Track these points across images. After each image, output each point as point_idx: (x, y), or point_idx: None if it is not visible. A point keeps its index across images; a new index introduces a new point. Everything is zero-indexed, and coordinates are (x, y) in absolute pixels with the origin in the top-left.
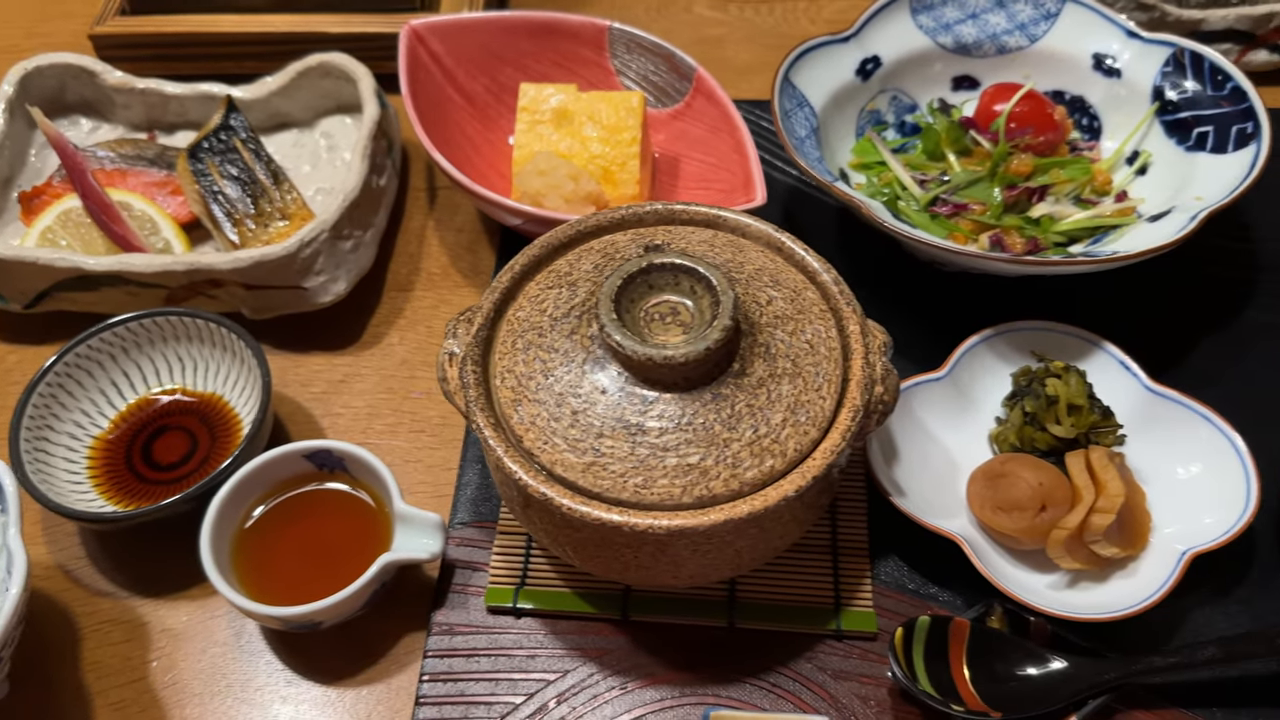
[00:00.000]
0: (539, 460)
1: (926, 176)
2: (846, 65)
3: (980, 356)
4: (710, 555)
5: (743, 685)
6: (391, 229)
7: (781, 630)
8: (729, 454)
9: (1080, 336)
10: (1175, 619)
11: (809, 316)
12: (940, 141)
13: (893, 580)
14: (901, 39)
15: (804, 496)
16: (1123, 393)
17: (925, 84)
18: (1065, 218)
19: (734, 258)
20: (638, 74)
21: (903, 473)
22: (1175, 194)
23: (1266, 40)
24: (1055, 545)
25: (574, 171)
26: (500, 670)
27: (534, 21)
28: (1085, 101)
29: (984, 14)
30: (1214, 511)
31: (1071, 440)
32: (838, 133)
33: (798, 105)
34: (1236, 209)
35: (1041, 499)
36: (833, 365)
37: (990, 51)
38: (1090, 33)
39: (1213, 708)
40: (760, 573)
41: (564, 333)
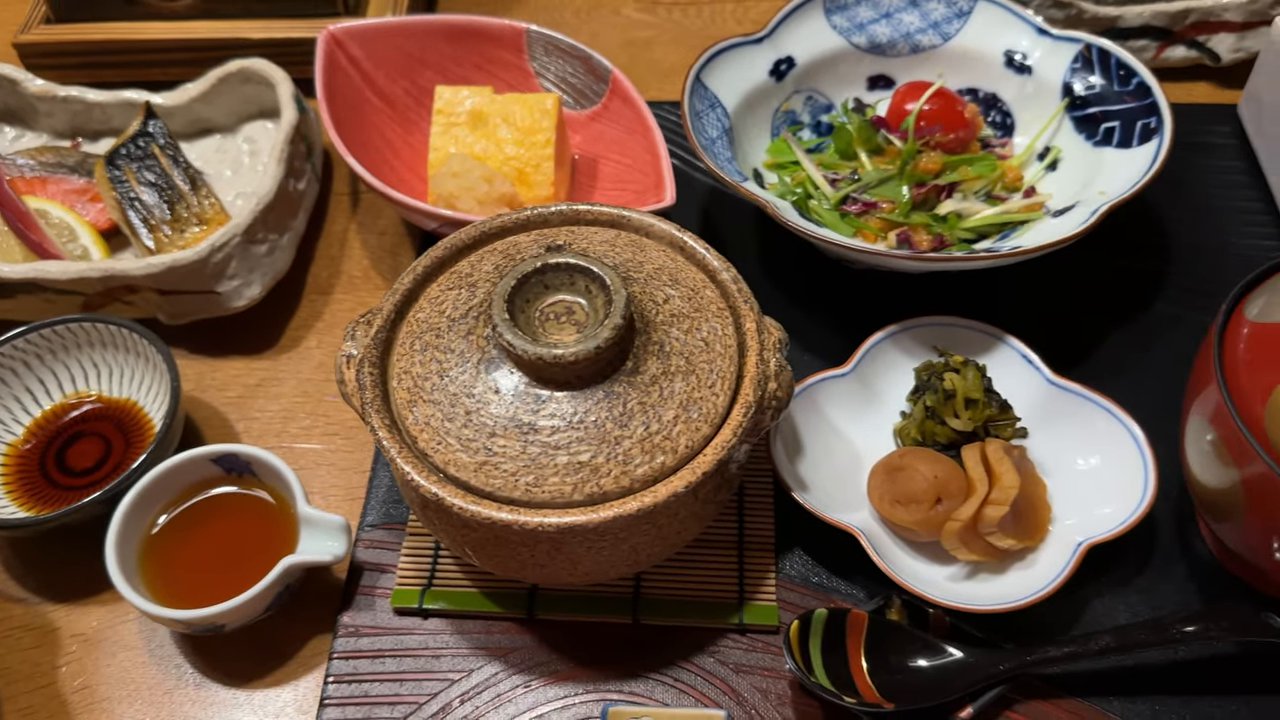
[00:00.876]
0: (433, 461)
1: (838, 175)
2: (760, 66)
3: (886, 352)
4: (606, 552)
5: (646, 680)
6: (312, 232)
7: (686, 625)
8: (620, 451)
9: (984, 331)
10: (1076, 609)
11: (706, 314)
12: (852, 141)
13: (798, 574)
14: (815, 39)
15: (697, 492)
16: (1025, 386)
17: (840, 84)
18: (974, 214)
19: (634, 257)
20: (557, 76)
21: (807, 467)
22: (1082, 189)
23: (1183, 36)
24: (949, 537)
25: (488, 173)
26: (405, 671)
27: (453, 25)
28: (998, 98)
29: (897, 13)
30: (1113, 502)
31: (970, 433)
32: (752, 133)
33: (710, 106)
34: (1146, 202)
35: (937, 492)
36: (727, 362)
37: (904, 50)
38: (1001, 30)
39: (1110, 697)
40: (666, 568)
41: (461, 333)
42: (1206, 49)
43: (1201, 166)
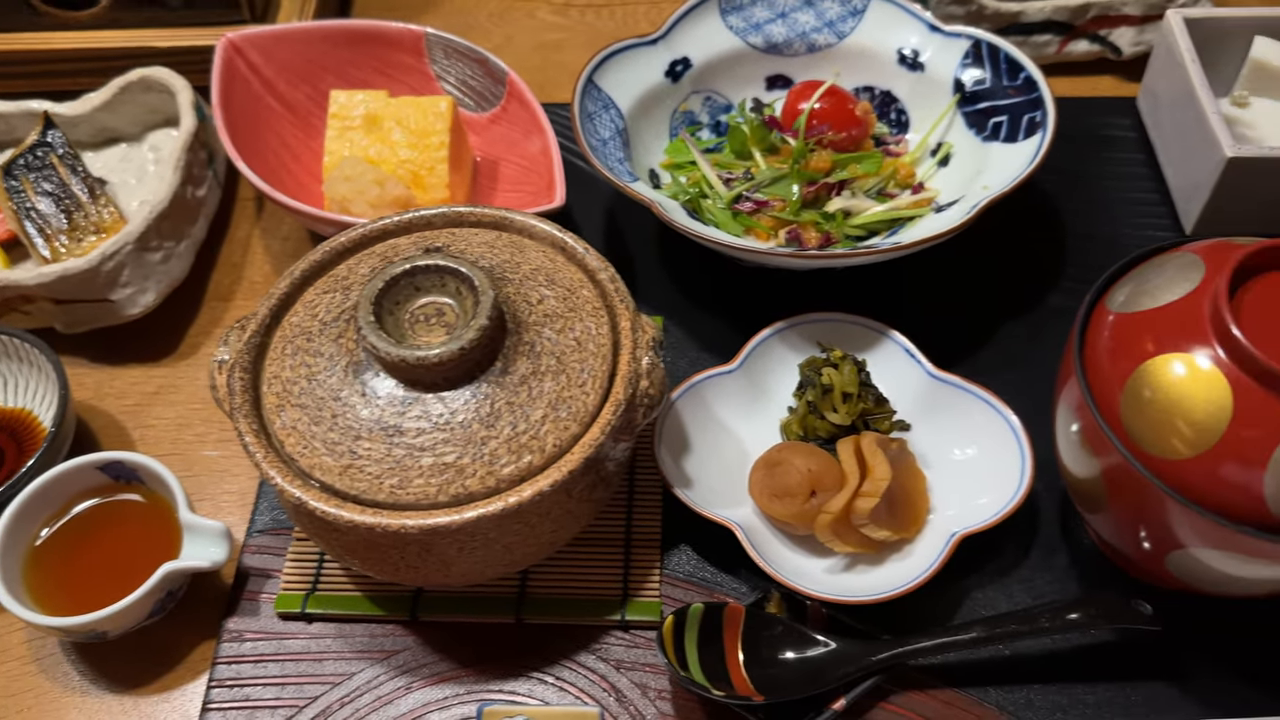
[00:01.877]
0: (299, 465)
1: (733, 175)
2: (655, 67)
3: (774, 348)
4: (479, 553)
5: (528, 679)
6: (215, 239)
7: (570, 624)
8: (486, 452)
9: (869, 327)
10: (956, 599)
11: (580, 314)
12: (747, 141)
13: (684, 570)
14: (711, 40)
15: (570, 490)
16: (907, 380)
17: (739, 84)
18: (863, 211)
19: (512, 258)
20: (457, 79)
21: (694, 464)
22: (969, 184)
23: (1085, 30)
24: (822, 529)
25: (380, 176)
26: (287, 675)
27: (353, 30)
28: (893, 96)
29: (793, 12)
30: (991, 493)
31: (849, 427)
32: (649, 134)
33: (603, 107)
34: (1043, 195)
35: (811, 485)
36: (600, 361)
37: (801, 50)
38: (894, 28)
39: (986, 686)
40: (551, 567)
41: (331, 337)
42: (1108, 43)
43: (1102, 159)
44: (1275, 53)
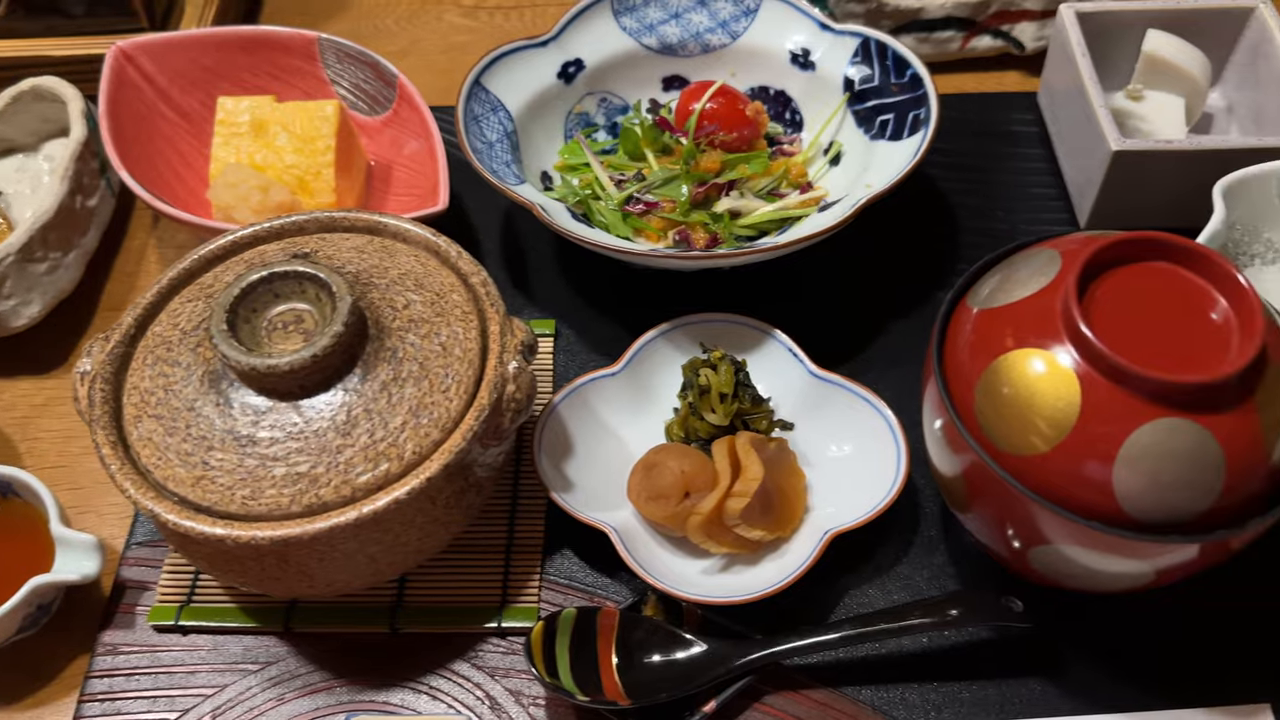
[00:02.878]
0: (154, 477)
1: (625, 176)
2: (547, 69)
3: (659, 350)
4: (340, 563)
5: (401, 689)
6: (109, 248)
7: (446, 632)
8: (341, 460)
9: (754, 327)
10: (835, 598)
11: (448, 319)
12: (640, 142)
13: (566, 574)
14: (605, 41)
15: (434, 498)
16: (791, 379)
17: (634, 85)
18: (752, 212)
19: (380, 263)
20: (350, 83)
21: (576, 467)
22: (856, 183)
23: (987, 26)
24: (694, 530)
25: (263, 182)
26: (160, 688)
27: (245, 36)
28: (787, 95)
29: (686, 13)
30: (869, 490)
31: (728, 427)
32: (542, 136)
33: (491, 110)
34: (943, 191)
35: (684, 486)
36: (465, 366)
37: (695, 50)
38: (786, 27)
39: (860, 685)
40: (429, 575)
41: (190, 346)
42: (1011, 38)
43: (1003, 154)
44: (1167, 45)
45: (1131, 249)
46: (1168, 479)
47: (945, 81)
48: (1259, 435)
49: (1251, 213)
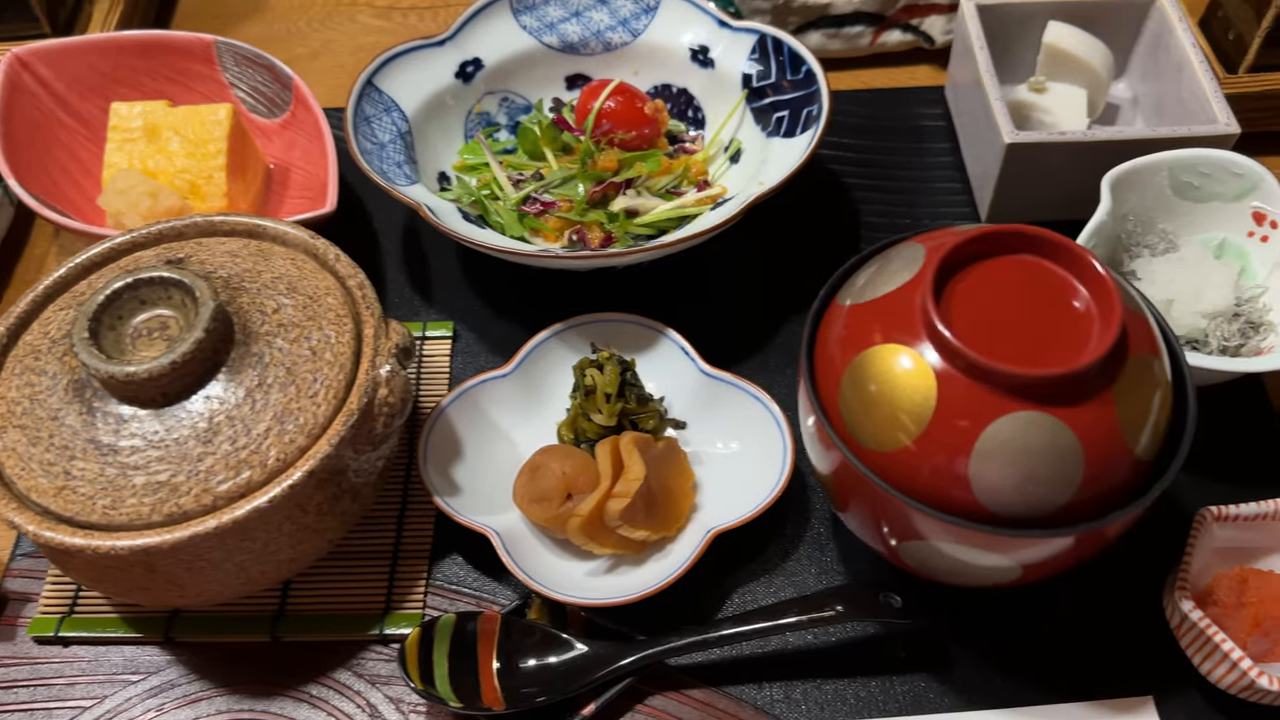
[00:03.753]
0: (17, 487)
1: (524, 176)
2: (444, 68)
3: (552, 350)
4: (209, 573)
5: (283, 698)
6: (8, 257)
7: (328, 640)
8: (202, 469)
9: (647, 326)
10: (722, 597)
11: (320, 322)
12: (538, 141)
13: (454, 579)
14: (504, 40)
15: (303, 505)
16: (683, 378)
17: (537, 84)
18: (650, 210)
19: (254, 267)
20: (249, 86)
21: (465, 470)
22: (752, 180)
23: (896, 20)
24: (574, 532)
25: (152, 188)
26: (37, 700)
27: (142, 40)
28: (689, 93)
29: (587, 11)
30: (757, 488)
31: (615, 427)
32: (440, 136)
33: (384, 110)
34: (841, 189)
35: (566, 488)
36: (336, 371)
37: (597, 49)
38: (686, 24)
39: (743, 684)
40: (313, 582)
41: (57, 355)
42: (921, 32)
43: (911, 149)
44: (1068, 37)
45: (994, 243)
46: (1024, 472)
47: (856, 77)
48: (1117, 427)
49: (1145, 204)
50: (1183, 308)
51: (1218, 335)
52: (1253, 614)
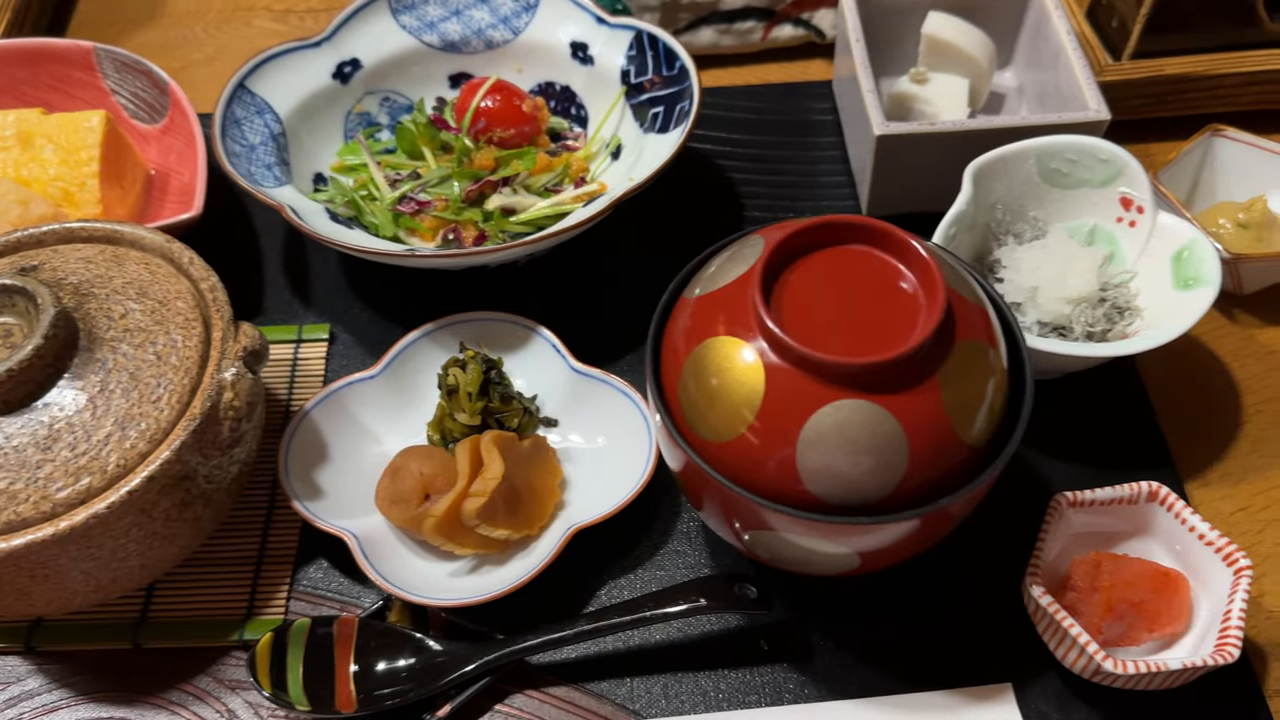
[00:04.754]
0: None
1: (401, 175)
2: (321, 70)
3: (423, 350)
4: (55, 581)
5: (143, 705)
6: None
7: (190, 646)
8: (41, 476)
9: (520, 324)
10: (588, 594)
11: (168, 327)
12: (416, 140)
13: (319, 583)
14: (383, 40)
15: (149, 511)
16: (555, 375)
17: (419, 83)
18: (527, 208)
19: (107, 272)
20: (130, 92)
21: (331, 473)
22: (628, 176)
23: (787, 15)
24: (430, 532)
25: (24, 196)
26: None
27: (21, 49)
28: (571, 90)
29: (467, 9)
30: (624, 485)
31: (480, 426)
32: (318, 137)
33: (257, 112)
34: (727, 184)
35: (424, 488)
36: (181, 375)
37: (479, 47)
38: (565, 21)
39: (603, 679)
40: (176, 589)
41: None
42: (812, 26)
43: (799, 144)
44: (947, 26)
45: (826, 234)
46: (848, 460)
47: (752, 72)
48: (942, 414)
49: (1014, 192)
50: (1048, 294)
51: (1082, 320)
52: (1105, 598)
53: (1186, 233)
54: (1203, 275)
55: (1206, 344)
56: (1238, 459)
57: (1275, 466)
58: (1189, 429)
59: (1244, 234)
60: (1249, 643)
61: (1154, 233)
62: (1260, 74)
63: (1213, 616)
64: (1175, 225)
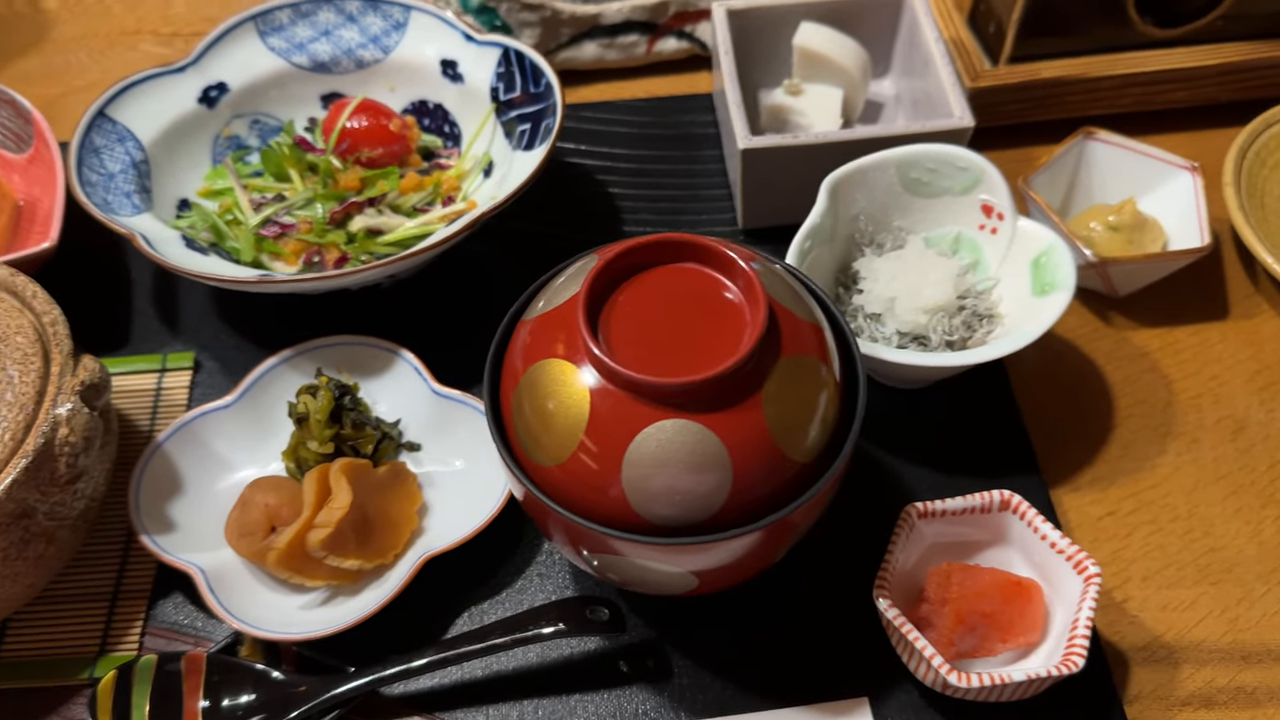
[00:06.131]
0: None
1: (267, 198)
2: (186, 95)
3: (282, 377)
4: None
5: None
6: None
7: (37, 686)
8: None
9: (382, 347)
10: (446, 622)
11: (5, 362)
12: (282, 162)
13: (177, 619)
14: (252, 63)
15: None
16: (417, 398)
17: (291, 104)
18: (394, 229)
19: None
20: None
21: (186, 506)
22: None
23: (670, 28)
24: (274, 565)
25: None
26: None
27: None
28: (444, 108)
29: (337, 30)
30: (483, 509)
31: (335, 453)
32: (184, 163)
33: (118, 140)
34: (607, 199)
35: (270, 520)
36: (16, 412)
37: (350, 67)
38: (435, 40)
39: (461, 709)
40: (26, 628)
41: None
42: (695, 39)
43: (684, 158)
44: (818, 37)
45: (655, 252)
46: (671, 480)
47: (638, 86)
48: (764, 430)
49: (876, 202)
50: (905, 304)
51: (940, 329)
52: (955, 610)
53: (1045, 238)
54: (1058, 280)
55: (1081, 348)
56: (1108, 462)
57: (1145, 469)
58: (1060, 433)
59: (1115, 237)
60: (1111, 648)
61: (1014, 239)
62: (1138, 75)
63: (1066, 625)
64: (1035, 231)
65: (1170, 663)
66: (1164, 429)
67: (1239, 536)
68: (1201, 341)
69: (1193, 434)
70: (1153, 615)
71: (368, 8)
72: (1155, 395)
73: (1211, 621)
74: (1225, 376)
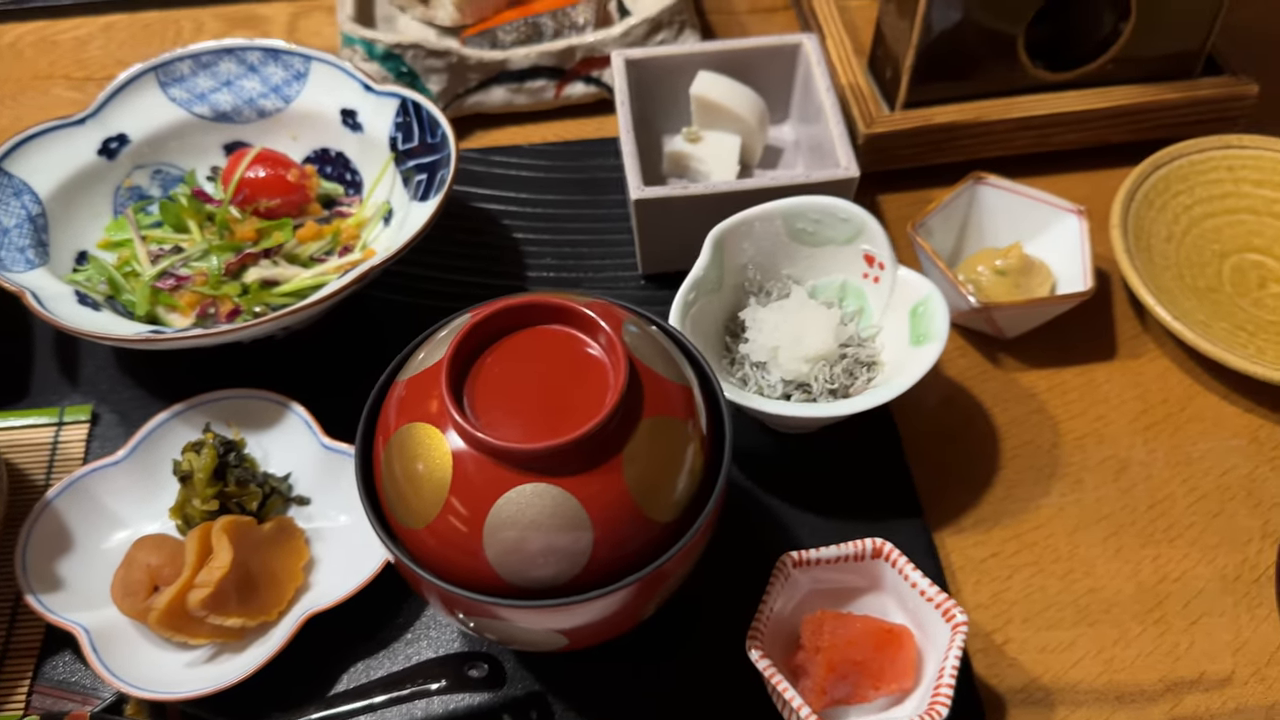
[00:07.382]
0: None
1: (166, 250)
2: (85, 147)
3: (175, 431)
4: None
5: None
6: None
7: None
8: None
9: (273, 401)
10: (333, 678)
11: None
12: (181, 213)
13: (66, 678)
14: (152, 113)
15: None
16: (306, 451)
17: (193, 154)
18: (290, 280)
19: None
20: None
21: (75, 564)
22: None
23: (577, 73)
24: (155, 626)
25: None
26: None
27: None
28: (346, 157)
29: (238, 80)
30: (370, 565)
31: (220, 511)
32: (84, 214)
33: (14, 194)
34: (513, 244)
35: (152, 579)
36: None
37: (252, 116)
38: (336, 89)
39: None
40: None
41: None
42: (602, 84)
43: (591, 203)
44: (715, 87)
45: (523, 314)
46: (531, 543)
47: (550, 129)
48: (624, 492)
49: (764, 252)
50: (787, 353)
51: (821, 378)
52: (826, 658)
53: (923, 288)
54: (932, 331)
55: (970, 389)
56: (992, 504)
57: (1029, 510)
58: (946, 476)
59: (1002, 281)
60: (989, 692)
61: (895, 288)
62: (1030, 119)
63: (936, 672)
64: (914, 281)
65: (1047, 704)
66: (1049, 470)
67: (1118, 576)
68: (1088, 382)
69: (1076, 474)
70: (1031, 657)
71: (269, 58)
72: (1041, 436)
73: (1088, 662)
74: (1110, 417)
